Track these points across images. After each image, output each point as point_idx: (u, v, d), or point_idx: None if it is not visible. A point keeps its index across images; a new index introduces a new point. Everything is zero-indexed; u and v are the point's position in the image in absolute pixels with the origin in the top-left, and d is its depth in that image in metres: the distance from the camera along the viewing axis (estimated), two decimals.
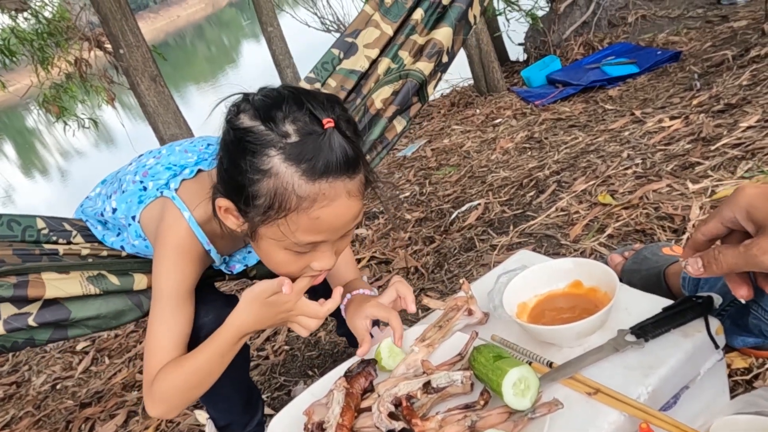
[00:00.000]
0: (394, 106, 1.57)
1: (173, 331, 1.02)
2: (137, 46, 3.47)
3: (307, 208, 0.84)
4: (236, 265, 1.23)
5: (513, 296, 0.92)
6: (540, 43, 4.24)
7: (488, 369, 0.77)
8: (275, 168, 0.83)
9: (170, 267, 1.03)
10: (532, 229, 1.98)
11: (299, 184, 0.83)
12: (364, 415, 0.84)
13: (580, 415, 0.75)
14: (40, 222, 1.25)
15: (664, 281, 1.22)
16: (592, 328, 0.83)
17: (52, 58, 4.83)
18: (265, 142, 0.84)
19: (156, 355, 1.00)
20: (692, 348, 0.80)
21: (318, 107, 0.85)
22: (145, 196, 1.11)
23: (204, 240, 1.06)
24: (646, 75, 3.23)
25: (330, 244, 0.93)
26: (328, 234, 0.89)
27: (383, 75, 1.59)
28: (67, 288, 1.11)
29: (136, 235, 1.14)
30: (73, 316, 1.13)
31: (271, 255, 0.94)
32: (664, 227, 1.61)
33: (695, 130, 2.12)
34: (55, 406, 2.22)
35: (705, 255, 0.71)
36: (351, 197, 0.87)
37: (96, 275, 1.16)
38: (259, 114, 0.85)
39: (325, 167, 0.82)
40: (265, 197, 0.85)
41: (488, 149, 3.06)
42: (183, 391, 1.00)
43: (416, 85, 1.58)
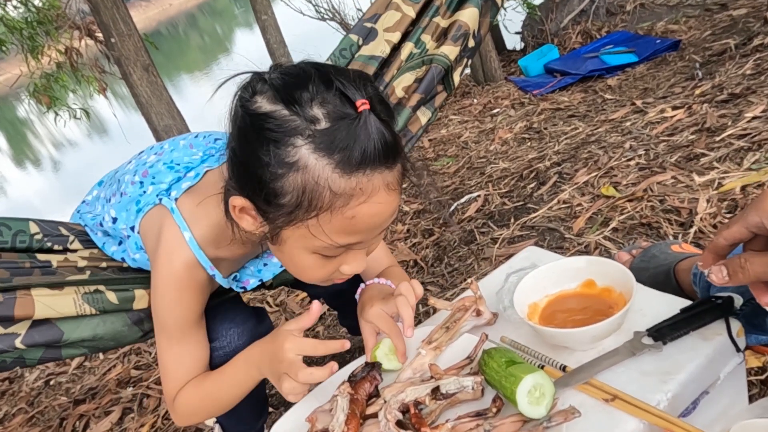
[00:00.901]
0: (417, 94, 1.45)
1: (185, 362, 0.98)
2: (129, 35, 3.41)
3: (342, 206, 0.73)
4: (249, 280, 1.10)
5: (523, 297, 0.88)
6: (537, 32, 4.19)
7: (501, 375, 0.74)
8: (303, 160, 0.71)
9: (171, 303, 0.94)
10: (533, 221, 1.94)
11: (333, 178, 0.71)
12: (369, 422, 0.80)
13: (596, 424, 0.72)
14: (33, 226, 1.12)
15: (674, 278, 1.19)
16: (609, 331, 0.79)
17: (42, 47, 4.75)
18: (290, 129, 0.71)
19: (172, 382, 0.97)
20: (712, 352, 0.76)
21: (349, 86, 0.72)
22: (143, 203, 1.00)
23: (207, 265, 0.95)
24: (645, 64, 3.19)
25: (364, 245, 0.83)
26: (364, 234, 0.78)
27: (405, 60, 1.46)
28: (59, 307, 1.01)
29: (136, 247, 1.04)
30: (66, 337, 1.04)
31: (296, 260, 0.83)
32: (670, 221, 1.58)
33: (699, 121, 2.09)
34: (48, 402, 2.18)
35: (730, 263, 0.68)
36: (390, 191, 0.75)
37: (93, 291, 1.06)
38: (280, 95, 0.73)
39: (362, 157, 0.71)
40: (292, 195, 0.73)
41: (486, 140, 3.02)
42: (204, 409, 0.99)
43: (441, 71, 1.46)
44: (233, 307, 1.11)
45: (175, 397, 0.97)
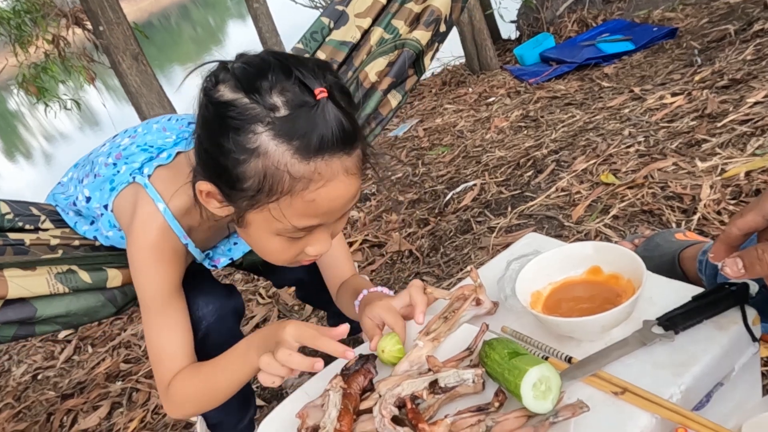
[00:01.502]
0: (389, 78, 1.47)
1: (172, 337, 0.96)
2: (117, 23, 3.34)
3: (302, 190, 0.75)
4: (221, 258, 1.13)
5: (526, 284, 0.84)
6: (533, 21, 4.14)
7: (504, 368, 0.69)
8: (264, 146, 0.74)
9: (150, 273, 0.95)
10: (531, 210, 1.90)
11: (292, 163, 0.73)
12: (363, 417, 0.75)
13: (606, 418, 0.67)
14: (3, 206, 1.13)
15: (679, 267, 1.15)
16: (618, 320, 0.75)
17: (30, 37, 4.66)
18: (251, 117, 0.74)
19: (164, 364, 0.95)
20: (728, 341, 0.72)
21: (308, 75, 0.74)
22: (117, 182, 1.01)
23: (181, 234, 0.97)
24: (642, 52, 3.15)
25: (326, 228, 0.85)
26: (324, 217, 0.80)
27: (376, 46, 1.48)
28: (32, 286, 1.01)
29: (109, 225, 1.04)
30: (39, 314, 1.04)
31: (261, 242, 0.86)
32: (672, 207, 1.54)
33: (699, 107, 2.05)
34: (36, 397, 2.14)
35: (746, 255, 0.63)
36: (349, 175, 0.78)
37: (65, 271, 1.06)
38: (242, 84, 0.75)
39: (321, 143, 0.73)
40: (254, 179, 0.75)
41: (482, 128, 2.97)
42: (200, 399, 0.96)
43: (413, 55, 1.48)
44: (203, 281, 1.13)
45: (170, 383, 0.94)
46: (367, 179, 2.92)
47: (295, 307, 2.05)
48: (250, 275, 2.42)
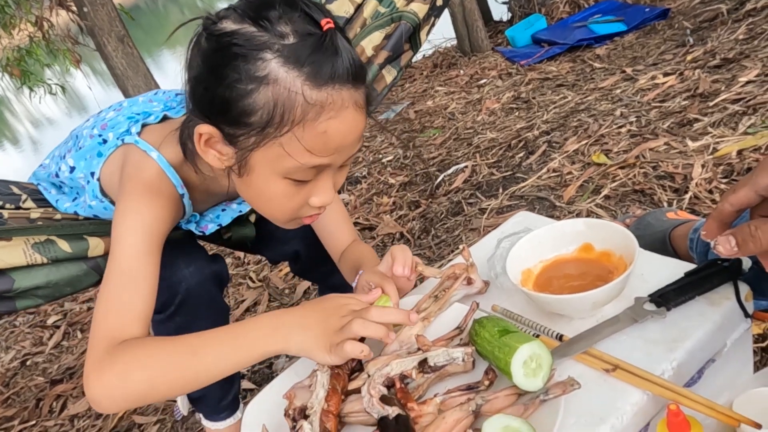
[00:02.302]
0: (385, 51, 1.43)
1: (141, 286, 0.80)
2: (102, 4, 3.27)
3: (314, 119, 0.71)
4: (208, 225, 1.07)
5: (517, 262, 0.82)
6: (525, 2, 4.10)
7: (494, 346, 0.68)
8: (274, 73, 0.70)
9: (138, 205, 0.85)
10: (523, 191, 1.89)
11: (305, 89, 0.70)
12: (352, 398, 0.74)
13: (597, 396, 0.66)
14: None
15: (670, 245, 1.14)
16: (609, 297, 0.74)
17: (13, 19, 4.57)
18: (260, 43, 0.70)
19: (121, 314, 0.77)
20: (720, 317, 0.71)
21: (313, 8, 0.73)
22: (105, 149, 0.95)
23: (178, 182, 0.91)
24: (633, 33, 3.13)
25: (330, 173, 0.81)
26: (334, 155, 0.76)
27: (371, 19, 1.44)
28: (7, 257, 0.95)
29: (93, 195, 0.98)
30: (18, 285, 0.98)
31: (265, 189, 0.79)
32: (664, 187, 1.53)
33: (691, 86, 2.03)
34: (24, 383, 2.12)
35: (739, 232, 0.61)
36: (358, 109, 0.75)
37: (44, 241, 0.99)
38: (247, 15, 0.72)
39: (332, 71, 0.71)
40: (263, 110, 0.72)
41: (474, 110, 2.94)
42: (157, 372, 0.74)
43: (409, 28, 1.44)
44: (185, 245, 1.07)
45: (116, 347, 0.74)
46: (358, 162, 2.90)
47: (285, 291, 2.04)
48: (240, 259, 2.40)
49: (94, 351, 0.75)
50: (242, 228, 1.23)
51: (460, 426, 0.64)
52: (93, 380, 0.73)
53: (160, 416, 1.68)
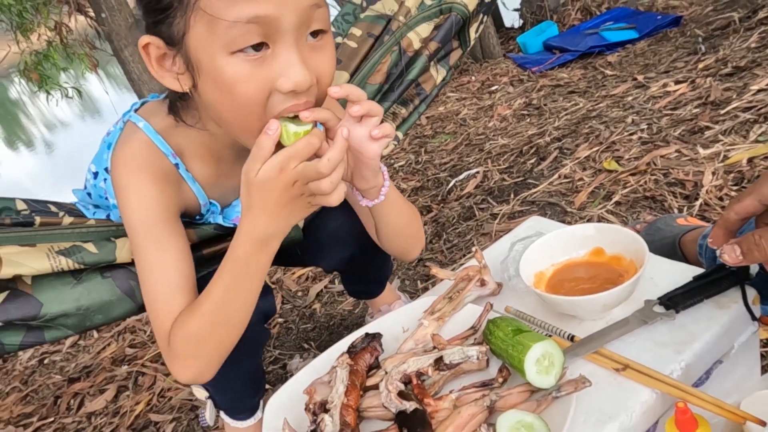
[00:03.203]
0: (435, 42, 1.36)
1: (165, 276, 0.80)
2: (119, 9, 3.33)
3: None
4: (239, 215, 0.99)
5: (529, 265, 0.85)
6: (536, 9, 4.12)
7: (507, 344, 0.71)
8: None
9: (130, 190, 0.82)
10: (534, 197, 1.91)
11: None
12: (370, 393, 0.77)
13: (608, 394, 0.69)
14: (19, 203, 1.04)
15: (679, 250, 1.16)
16: (620, 299, 0.76)
17: (32, 24, 4.66)
18: None
19: (161, 308, 0.80)
20: (727, 320, 0.73)
21: None
22: (111, 138, 0.92)
23: (167, 150, 0.85)
24: (646, 40, 3.15)
25: (290, 45, 0.68)
26: (270, 3, 0.65)
27: (415, 9, 1.36)
28: (30, 261, 0.90)
29: (112, 192, 0.93)
30: (45, 311, 0.92)
31: (219, 79, 0.69)
32: (675, 194, 1.55)
33: (702, 94, 2.05)
34: (42, 381, 2.16)
35: (744, 241, 0.64)
36: None
37: (69, 247, 0.94)
38: None
39: None
40: None
41: (485, 116, 2.97)
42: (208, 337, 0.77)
43: (459, 20, 1.36)
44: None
45: (170, 331, 0.79)
46: None
47: (298, 293, 2.07)
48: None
49: (161, 347, 0.81)
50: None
51: (475, 421, 0.66)
52: (174, 372, 0.80)
53: (176, 414, 1.71)
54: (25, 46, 4.77)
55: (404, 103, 1.39)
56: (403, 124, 1.41)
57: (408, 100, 1.38)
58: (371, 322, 0.94)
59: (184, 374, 0.79)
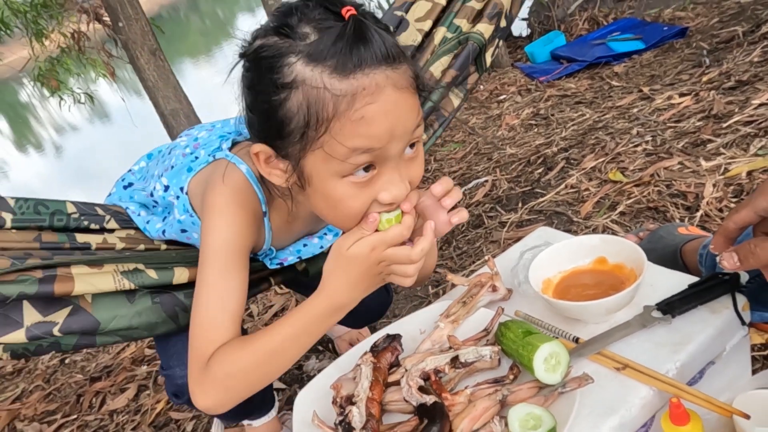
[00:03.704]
0: (452, 71, 1.45)
1: (227, 301, 0.86)
2: (136, 18, 3.43)
3: (347, 109, 0.70)
4: (288, 257, 1.09)
5: (538, 272, 0.92)
6: (544, 19, 4.19)
7: (518, 344, 0.78)
8: (300, 75, 0.71)
9: (224, 219, 0.88)
10: (541, 206, 1.98)
11: (331, 83, 0.70)
12: (391, 389, 0.84)
13: (609, 390, 0.76)
14: (69, 206, 1.11)
15: (680, 259, 1.22)
16: (621, 304, 0.83)
17: (47, 31, 4.75)
18: (283, 51, 0.72)
19: (208, 331, 0.84)
20: (720, 324, 0.80)
21: (334, 3, 0.72)
22: (195, 164, 0.99)
23: (262, 198, 0.92)
24: (652, 51, 3.20)
25: (394, 166, 0.76)
26: (382, 139, 0.72)
27: (439, 45, 1.46)
28: (98, 283, 0.98)
29: (183, 209, 1.01)
30: (102, 327, 1.01)
31: (328, 195, 0.77)
32: (677, 205, 1.61)
33: (706, 107, 2.11)
34: (64, 380, 2.23)
35: (741, 249, 0.71)
36: (399, 89, 0.72)
37: (132, 270, 1.02)
38: (271, 28, 0.74)
39: (358, 58, 0.69)
40: (298, 114, 0.72)
41: (494, 126, 3.04)
42: (248, 375, 0.82)
43: (476, 48, 1.46)
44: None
45: (211, 356, 0.82)
46: None
47: None
48: None
49: (192, 368, 0.84)
50: (319, 261, 1.19)
51: (488, 413, 0.73)
52: (197, 396, 0.83)
53: (196, 412, 1.78)
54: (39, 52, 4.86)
55: (425, 129, 1.44)
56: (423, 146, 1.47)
57: (428, 125, 1.47)
58: (390, 324, 1.01)
59: (206, 401, 0.83)
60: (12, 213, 1.03)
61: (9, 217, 1.03)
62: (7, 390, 2.29)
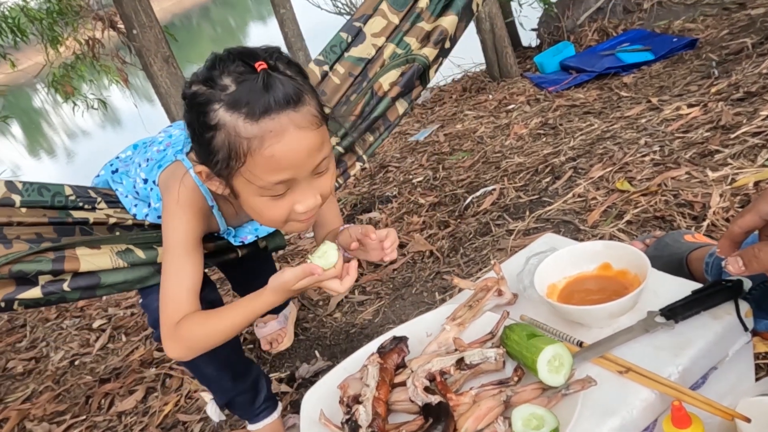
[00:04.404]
0: (398, 87, 1.66)
1: (184, 282, 1.07)
2: (150, 26, 3.48)
3: (258, 148, 0.87)
4: (247, 236, 1.31)
5: (543, 277, 0.94)
6: (553, 29, 4.21)
7: (522, 346, 0.79)
8: (221, 119, 0.88)
9: (176, 221, 1.08)
10: (549, 214, 1.99)
11: (244, 127, 0.86)
12: (397, 389, 0.86)
13: (611, 393, 0.77)
14: (67, 189, 1.32)
15: (686, 267, 1.23)
16: (624, 309, 0.85)
17: (62, 38, 4.82)
18: (209, 98, 0.88)
19: (172, 305, 1.06)
20: (722, 330, 0.81)
21: (250, 56, 0.89)
22: (164, 161, 1.19)
23: (208, 196, 1.13)
24: (661, 62, 3.21)
25: (306, 184, 0.95)
26: (293, 170, 0.91)
27: (388, 59, 1.67)
28: (98, 262, 1.20)
29: (157, 198, 1.22)
30: (103, 281, 1.23)
31: (252, 206, 0.97)
32: (683, 214, 1.62)
33: (714, 118, 2.12)
34: (74, 381, 2.25)
35: (745, 253, 0.72)
36: (300, 129, 0.89)
37: (124, 250, 1.25)
38: (200, 78, 0.91)
39: (264, 106, 0.86)
40: (222, 150, 0.89)
41: (502, 135, 3.05)
42: (206, 340, 1.05)
43: (420, 69, 1.66)
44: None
45: (179, 322, 1.04)
46: (389, 182, 3.03)
47: (319, 303, 2.15)
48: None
49: (164, 329, 1.06)
50: (275, 239, 1.49)
51: (493, 413, 0.75)
52: (168, 349, 1.06)
53: (203, 415, 1.80)
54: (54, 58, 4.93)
55: (372, 131, 1.69)
56: (369, 149, 1.71)
57: (375, 128, 1.69)
58: (397, 327, 1.03)
59: (175, 353, 1.07)
60: (20, 195, 1.24)
61: (18, 198, 1.23)
62: (17, 390, 2.32)
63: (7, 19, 4.93)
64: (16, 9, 5.04)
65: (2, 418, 2.14)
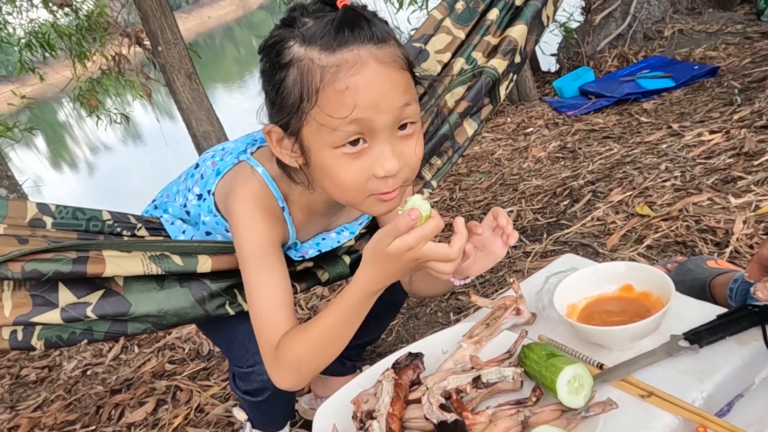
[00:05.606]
0: (465, 102, 1.52)
1: (272, 296, 0.94)
2: (175, 43, 3.55)
3: (333, 80, 0.79)
4: (309, 250, 1.16)
5: (563, 297, 0.92)
6: (573, 55, 4.21)
7: (541, 366, 0.78)
8: (296, 54, 0.81)
9: (249, 225, 0.96)
10: (566, 237, 1.97)
11: (320, 57, 0.79)
12: (412, 406, 0.84)
13: (633, 417, 0.75)
14: (105, 214, 1.20)
15: (709, 292, 1.21)
16: (647, 331, 0.82)
17: (90, 53, 4.93)
18: (285, 38, 0.83)
19: (268, 325, 0.93)
20: (748, 356, 0.79)
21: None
22: (222, 166, 1.07)
23: (278, 195, 1.01)
24: (682, 89, 3.20)
25: (385, 140, 0.83)
26: (368, 111, 0.79)
27: (457, 76, 1.54)
28: (127, 266, 1.04)
29: (207, 210, 1.09)
30: (133, 310, 1.07)
31: (324, 165, 0.85)
32: (706, 240, 1.60)
33: (737, 145, 2.10)
34: (85, 391, 2.25)
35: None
36: (382, 63, 0.80)
37: (159, 255, 1.09)
38: (280, 22, 0.86)
39: (344, 37, 0.79)
40: (294, 89, 0.82)
41: (520, 157, 3.05)
42: (312, 358, 0.90)
43: (489, 82, 1.53)
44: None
45: (278, 344, 0.91)
46: None
47: None
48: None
49: (265, 359, 0.93)
50: (336, 267, 1.31)
51: None
52: (276, 380, 0.92)
53: (213, 429, 1.79)
54: (81, 73, 5.04)
55: (440, 155, 1.54)
56: (438, 174, 1.56)
57: (443, 152, 1.54)
58: (413, 343, 1.01)
59: (284, 382, 0.92)
60: (52, 217, 1.12)
61: (50, 221, 1.11)
62: (29, 398, 2.33)
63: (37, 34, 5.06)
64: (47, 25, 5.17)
65: (13, 425, 2.14)
